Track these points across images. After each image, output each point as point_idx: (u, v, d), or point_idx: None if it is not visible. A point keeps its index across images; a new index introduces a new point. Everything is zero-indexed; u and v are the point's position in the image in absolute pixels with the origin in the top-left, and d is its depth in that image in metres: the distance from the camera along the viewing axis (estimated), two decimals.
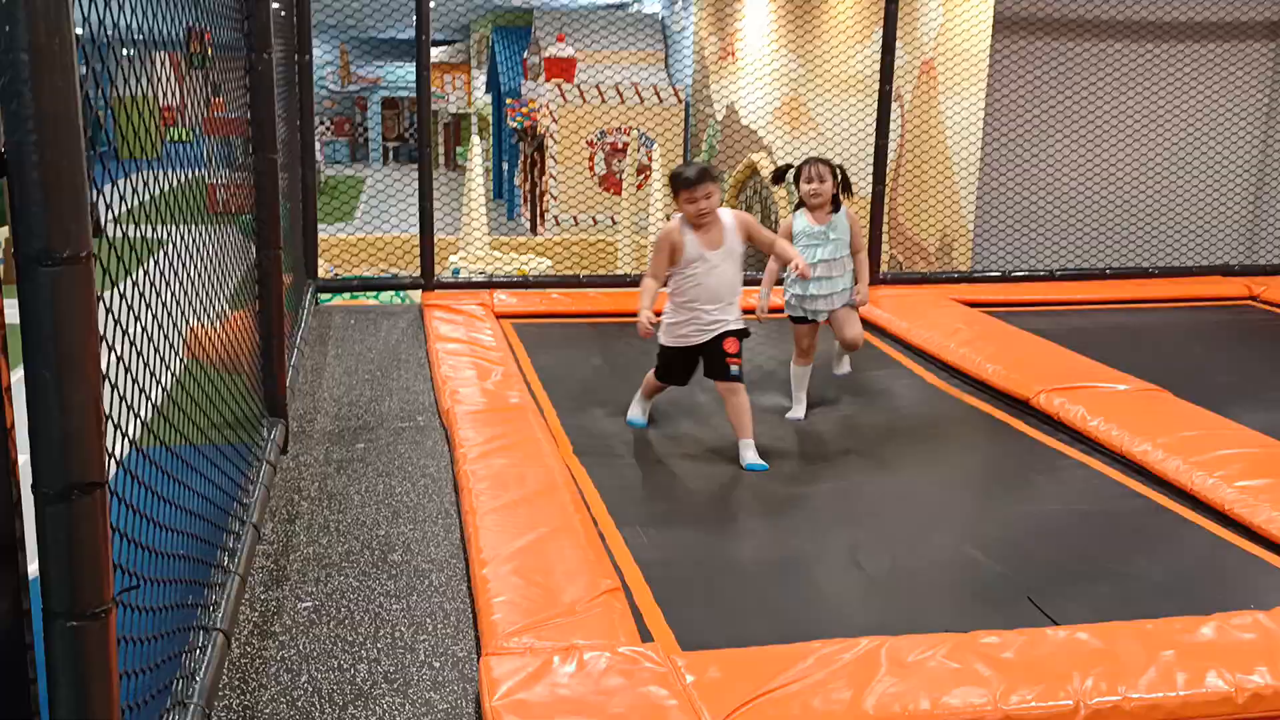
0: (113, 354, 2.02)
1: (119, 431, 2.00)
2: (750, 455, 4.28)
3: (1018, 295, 7.29)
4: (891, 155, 9.02)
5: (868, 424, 4.91)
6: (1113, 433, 4.47)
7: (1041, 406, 4.91)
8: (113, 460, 1.83)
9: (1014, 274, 7.72)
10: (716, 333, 4.26)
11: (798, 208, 4.93)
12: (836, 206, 4.88)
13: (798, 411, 4.94)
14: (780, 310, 5.09)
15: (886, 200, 7.63)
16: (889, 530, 3.80)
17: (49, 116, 1.45)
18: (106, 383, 1.96)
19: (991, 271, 7.81)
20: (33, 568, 1.62)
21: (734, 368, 4.24)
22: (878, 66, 7.28)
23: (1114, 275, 7.81)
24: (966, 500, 4.14)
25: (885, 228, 7.98)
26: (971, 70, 8.23)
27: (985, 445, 4.80)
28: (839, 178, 4.87)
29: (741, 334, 4.31)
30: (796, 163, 4.96)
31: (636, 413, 4.73)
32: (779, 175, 4.95)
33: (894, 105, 8.76)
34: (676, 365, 4.45)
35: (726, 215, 4.28)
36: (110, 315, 1.97)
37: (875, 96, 7.33)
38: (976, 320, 6.35)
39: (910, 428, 4.92)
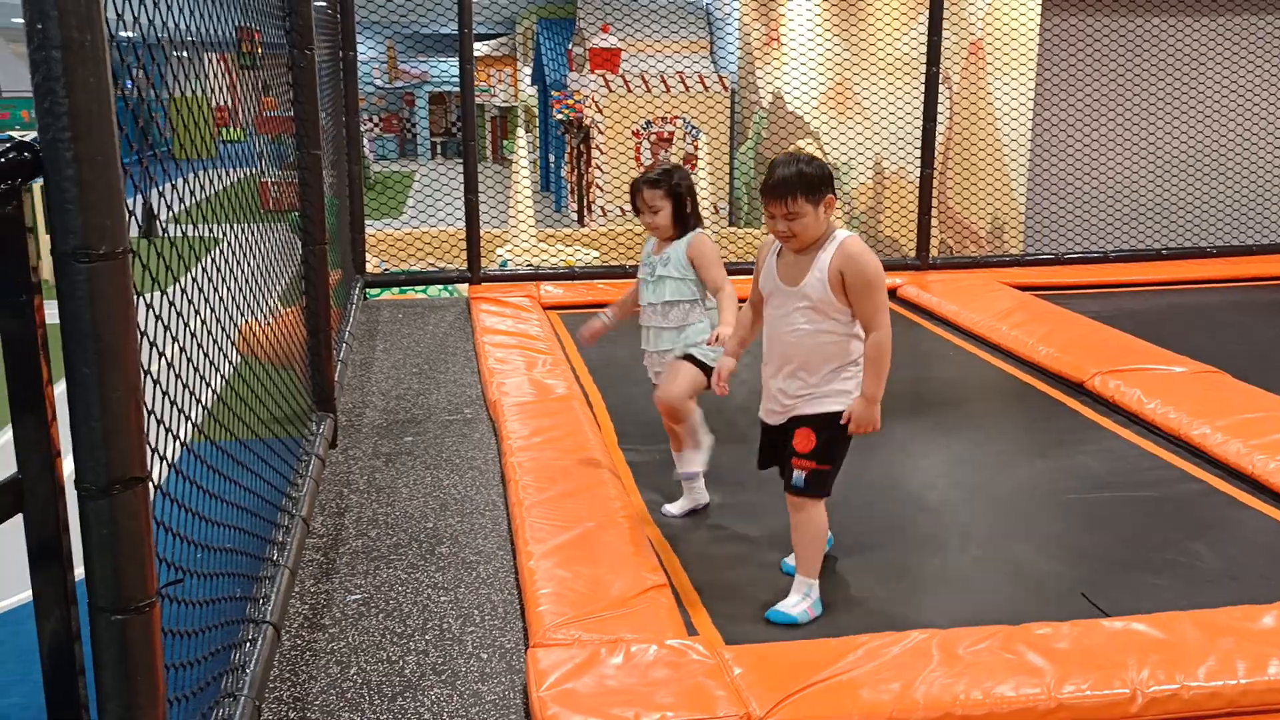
0: (176, 348, 2.03)
1: (176, 425, 2.01)
2: (788, 601, 3.05)
3: (1071, 278, 7.17)
4: (940, 138, 8.90)
5: (918, 412, 4.83)
6: (1170, 415, 4.38)
7: (1097, 389, 4.82)
8: (159, 457, 1.84)
9: (1067, 256, 7.59)
10: (787, 416, 3.03)
11: None
12: (683, 230, 3.64)
13: (673, 506, 3.78)
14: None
15: (936, 184, 7.52)
16: (939, 525, 3.74)
17: (82, 112, 1.46)
18: (165, 376, 1.98)
19: (1044, 254, 7.69)
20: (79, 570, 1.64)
21: (796, 474, 2.99)
22: (925, 48, 7.18)
23: (1170, 256, 7.65)
24: (1020, 490, 4.06)
25: (934, 211, 7.87)
26: (1021, 50, 8.09)
27: (1039, 431, 4.71)
28: (683, 194, 3.61)
29: (821, 423, 2.96)
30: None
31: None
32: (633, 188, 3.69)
33: (942, 87, 8.64)
34: (765, 447, 3.19)
35: (831, 246, 2.90)
36: (167, 311, 1.98)
37: (923, 79, 7.23)
38: (1029, 304, 6.25)
39: (962, 414, 4.85)
